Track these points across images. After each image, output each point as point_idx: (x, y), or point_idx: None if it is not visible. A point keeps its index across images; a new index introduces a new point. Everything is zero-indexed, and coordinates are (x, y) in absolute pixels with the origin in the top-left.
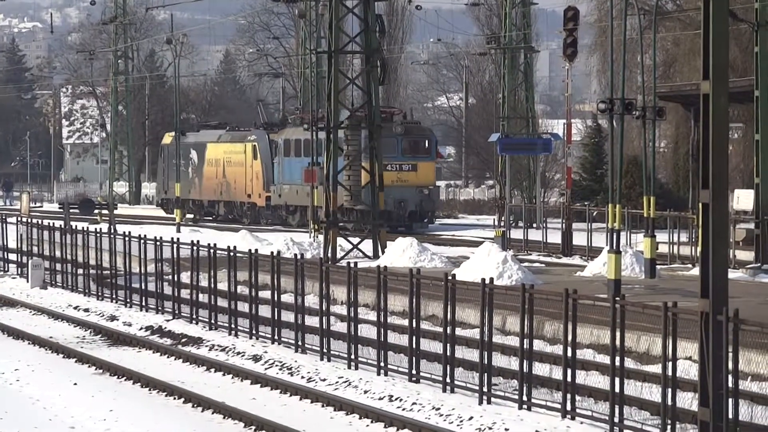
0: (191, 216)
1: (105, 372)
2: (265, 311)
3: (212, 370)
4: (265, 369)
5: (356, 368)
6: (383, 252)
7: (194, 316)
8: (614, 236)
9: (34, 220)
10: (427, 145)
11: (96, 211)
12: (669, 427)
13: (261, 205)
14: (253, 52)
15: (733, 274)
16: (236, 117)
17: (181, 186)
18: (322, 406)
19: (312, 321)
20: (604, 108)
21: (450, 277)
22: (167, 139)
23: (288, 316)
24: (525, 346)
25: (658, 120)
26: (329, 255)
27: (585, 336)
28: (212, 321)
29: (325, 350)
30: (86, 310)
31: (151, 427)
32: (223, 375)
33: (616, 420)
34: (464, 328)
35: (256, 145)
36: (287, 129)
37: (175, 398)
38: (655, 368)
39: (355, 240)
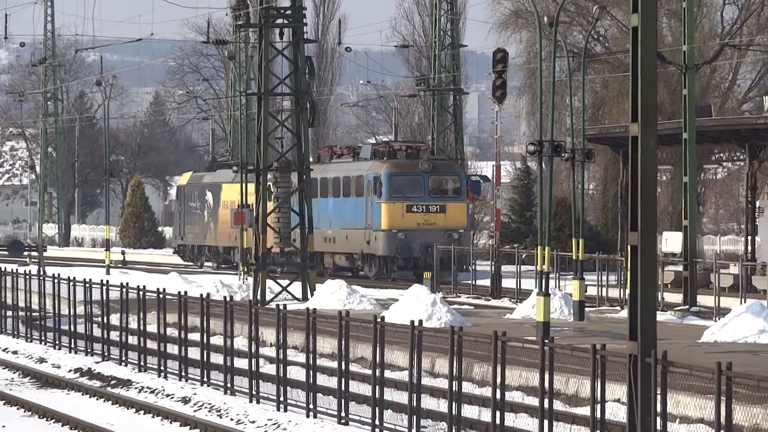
0: (209, 264)
1: (34, 414)
2: (194, 353)
3: (141, 412)
4: (195, 411)
5: (285, 410)
6: (312, 294)
7: (123, 358)
8: (543, 278)
9: None
10: (457, 183)
11: (25, 252)
12: None
13: (276, 251)
14: (182, 94)
15: (661, 317)
16: (165, 159)
17: (196, 231)
18: None
19: (241, 363)
20: (533, 150)
21: (379, 320)
22: (184, 179)
23: (217, 359)
24: (454, 389)
25: (587, 162)
26: (258, 297)
27: (514, 378)
28: (142, 363)
29: (254, 392)
30: (15, 353)
31: None
32: (153, 417)
33: None
34: (393, 371)
35: (271, 185)
36: None
37: None
38: (584, 410)
39: (285, 282)
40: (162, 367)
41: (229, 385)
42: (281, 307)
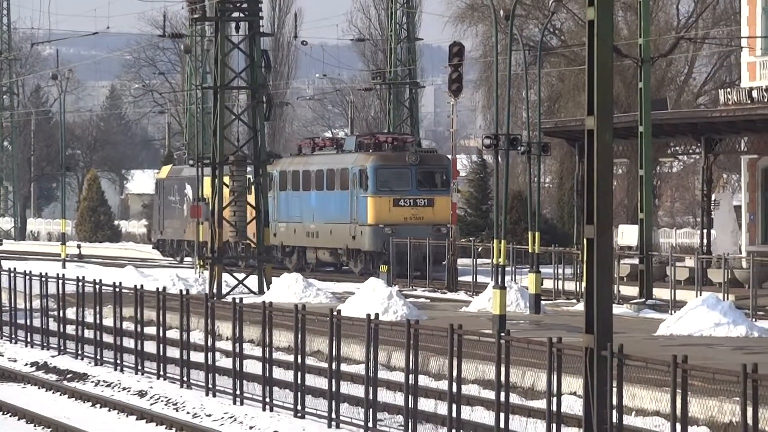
0: (189, 259)
1: None
2: (150, 347)
3: (98, 405)
4: (151, 404)
5: (242, 404)
6: (269, 287)
7: (80, 352)
8: (499, 272)
9: None
10: (445, 176)
11: None
12: None
13: (255, 246)
14: (138, 88)
15: (617, 310)
16: (121, 153)
17: (175, 225)
18: None
19: (197, 357)
20: (489, 143)
21: (335, 313)
22: (163, 172)
23: (173, 352)
24: (410, 382)
25: (543, 155)
26: (215, 291)
27: (470, 371)
28: (98, 357)
29: (210, 386)
30: None
31: None
32: (109, 410)
33: None
34: (350, 364)
35: (251, 177)
36: (283, 159)
37: None
38: (540, 403)
39: (241, 276)
40: (118, 361)
41: (185, 378)
42: (237, 301)
